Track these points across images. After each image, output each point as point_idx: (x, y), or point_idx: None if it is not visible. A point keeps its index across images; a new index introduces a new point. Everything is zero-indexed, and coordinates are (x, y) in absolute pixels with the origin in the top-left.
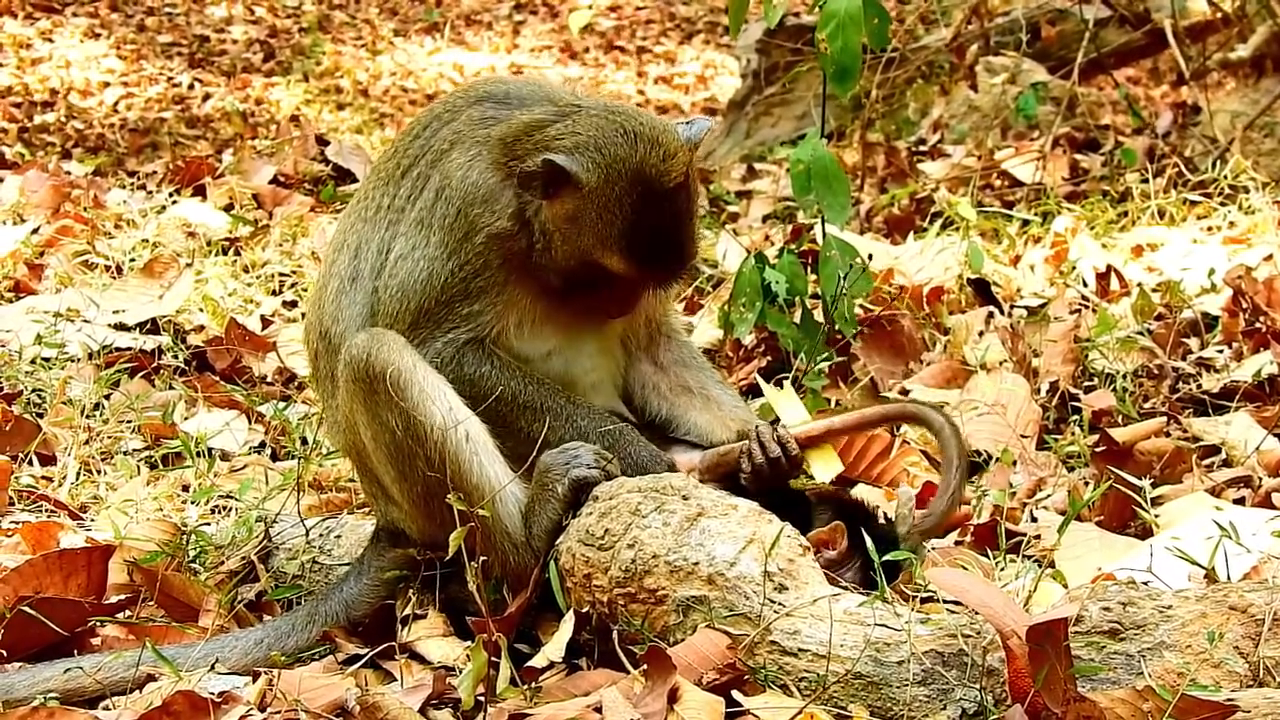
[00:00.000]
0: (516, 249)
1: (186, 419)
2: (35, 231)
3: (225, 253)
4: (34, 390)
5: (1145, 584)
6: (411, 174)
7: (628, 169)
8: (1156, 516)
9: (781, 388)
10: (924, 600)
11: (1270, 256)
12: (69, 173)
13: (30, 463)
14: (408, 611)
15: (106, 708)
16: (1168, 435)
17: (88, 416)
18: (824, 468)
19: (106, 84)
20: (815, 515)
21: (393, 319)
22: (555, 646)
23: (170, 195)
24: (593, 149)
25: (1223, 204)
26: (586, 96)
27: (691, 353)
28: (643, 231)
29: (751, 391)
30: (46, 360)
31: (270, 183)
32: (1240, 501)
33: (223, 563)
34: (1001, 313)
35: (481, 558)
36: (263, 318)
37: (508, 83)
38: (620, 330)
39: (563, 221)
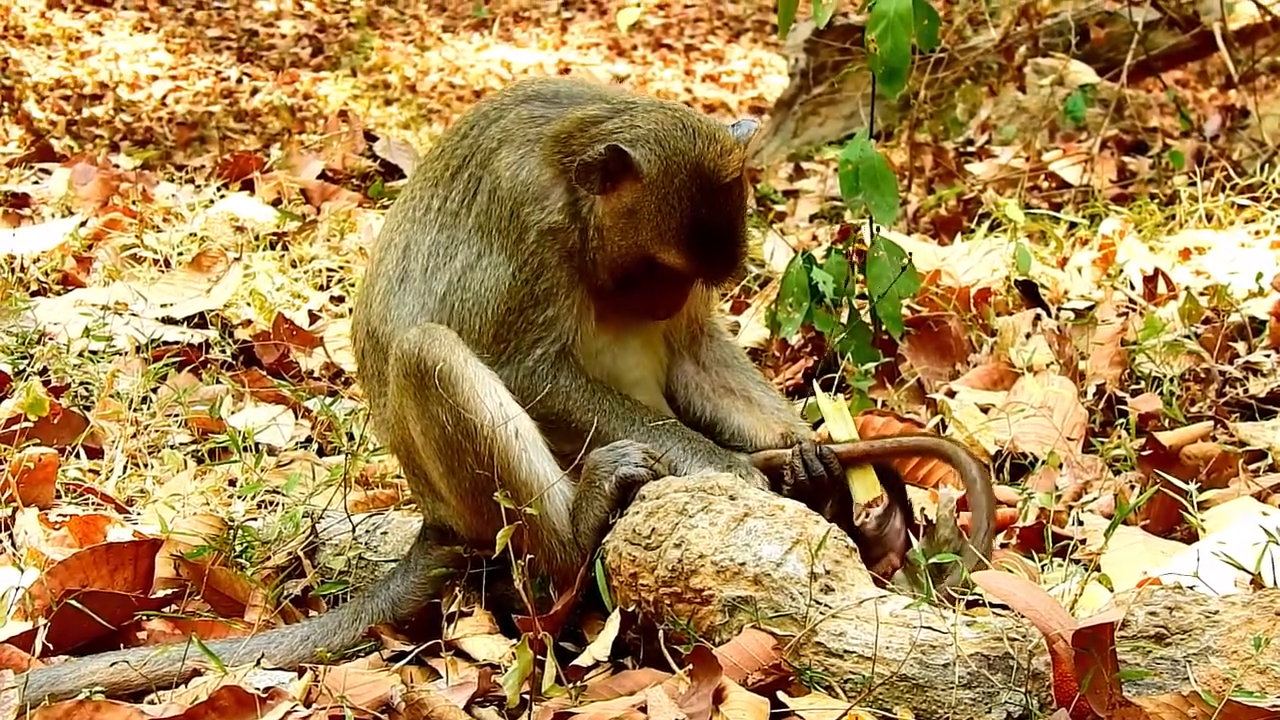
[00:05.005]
0: (570, 245)
1: (233, 413)
2: (83, 224)
3: (273, 247)
4: (81, 383)
5: (1191, 589)
6: (462, 176)
7: (687, 162)
8: (1202, 521)
9: (834, 395)
10: (970, 603)
11: None
12: (117, 166)
13: (78, 456)
14: (454, 609)
15: (152, 702)
16: (1214, 439)
17: (135, 410)
18: (863, 490)
19: (155, 77)
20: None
21: (477, 333)
22: (601, 645)
23: (218, 189)
24: (652, 141)
25: (1271, 208)
26: (637, 95)
27: (734, 353)
28: (701, 226)
29: (798, 392)
30: (94, 353)
31: (318, 178)
32: None
33: (269, 558)
34: (1048, 315)
35: (528, 555)
36: (310, 313)
37: (556, 82)
38: (663, 328)
39: (619, 215)
